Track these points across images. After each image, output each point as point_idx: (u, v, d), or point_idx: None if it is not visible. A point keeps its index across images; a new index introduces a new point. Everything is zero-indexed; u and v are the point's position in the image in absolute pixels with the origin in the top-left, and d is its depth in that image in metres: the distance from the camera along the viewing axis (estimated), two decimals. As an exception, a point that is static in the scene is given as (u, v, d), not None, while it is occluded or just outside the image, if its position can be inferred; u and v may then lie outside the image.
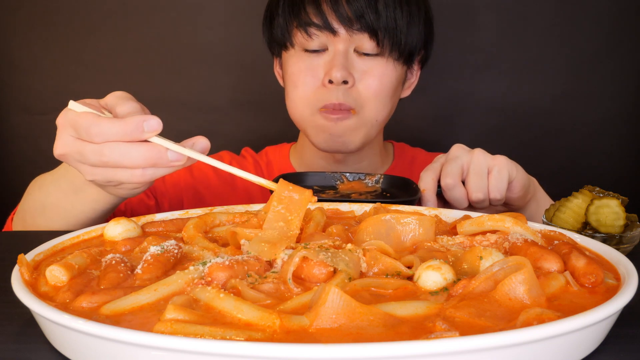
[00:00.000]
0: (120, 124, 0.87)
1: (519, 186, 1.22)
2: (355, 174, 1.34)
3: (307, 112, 1.47)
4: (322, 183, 1.34)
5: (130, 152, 0.88)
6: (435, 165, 1.23)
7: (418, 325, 0.62)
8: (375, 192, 1.30)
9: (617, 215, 1.00)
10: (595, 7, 2.03)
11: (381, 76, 1.44)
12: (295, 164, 1.67)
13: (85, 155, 0.91)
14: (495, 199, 1.19)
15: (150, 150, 0.88)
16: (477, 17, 2.06)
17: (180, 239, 0.90)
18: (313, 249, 0.74)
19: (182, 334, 0.58)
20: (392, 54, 1.44)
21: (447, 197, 1.21)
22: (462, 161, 1.20)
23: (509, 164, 1.21)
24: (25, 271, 0.74)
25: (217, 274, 0.70)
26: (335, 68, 1.40)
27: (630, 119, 2.11)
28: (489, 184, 1.19)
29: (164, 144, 0.88)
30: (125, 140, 0.88)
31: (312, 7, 1.42)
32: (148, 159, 0.88)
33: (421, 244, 0.84)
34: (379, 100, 1.46)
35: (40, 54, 2.10)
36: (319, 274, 0.72)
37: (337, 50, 1.42)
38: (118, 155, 0.88)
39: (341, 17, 1.39)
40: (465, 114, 2.12)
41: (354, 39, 1.42)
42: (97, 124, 0.88)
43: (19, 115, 2.13)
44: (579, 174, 2.09)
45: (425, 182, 1.21)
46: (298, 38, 1.45)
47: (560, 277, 0.71)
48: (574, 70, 2.07)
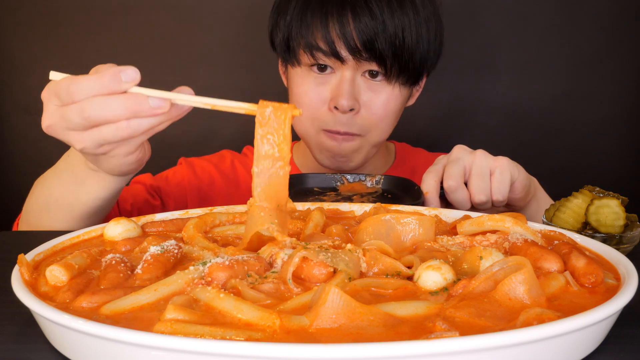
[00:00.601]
0: (97, 77, 0.88)
1: (521, 187, 1.22)
2: (355, 175, 1.34)
3: (312, 131, 1.47)
4: (323, 184, 1.34)
5: (110, 103, 0.87)
6: (437, 167, 1.22)
7: (418, 325, 0.62)
8: (376, 193, 1.30)
9: (617, 215, 1.00)
10: (595, 7, 2.04)
11: (386, 103, 1.43)
12: (299, 162, 1.68)
13: (69, 117, 0.90)
14: (498, 200, 1.20)
15: (130, 98, 0.87)
16: (477, 17, 2.06)
17: (180, 239, 0.90)
18: (313, 249, 0.74)
19: (182, 334, 0.58)
20: (399, 79, 1.43)
21: (449, 199, 1.21)
22: (464, 163, 1.20)
23: (511, 165, 1.21)
24: (25, 271, 0.74)
25: (217, 274, 0.70)
26: (342, 97, 1.38)
27: (630, 119, 2.11)
28: (492, 186, 1.19)
29: (145, 92, 0.88)
30: (104, 93, 0.88)
31: (320, 32, 1.38)
32: (129, 107, 0.87)
33: (421, 244, 0.84)
34: (384, 124, 1.46)
35: (40, 54, 2.10)
36: (318, 274, 0.72)
37: (344, 76, 1.40)
38: (98, 108, 0.88)
39: (349, 46, 1.37)
40: (465, 113, 2.12)
41: (361, 66, 1.40)
42: (75, 81, 0.89)
43: (19, 115, 2.13)
44: (579, 174, 2.09)
45: (428, 185, 1.20)
46: (304, 57, 1.43)
47: (560, 277, 0.71)
48: (574, 70, 2.07)
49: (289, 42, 1.44)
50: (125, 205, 1.40)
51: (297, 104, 1.46)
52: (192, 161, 1.62)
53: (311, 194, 1.29)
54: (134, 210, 1.42)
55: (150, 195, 1.49)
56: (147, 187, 1.49)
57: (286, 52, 1.46)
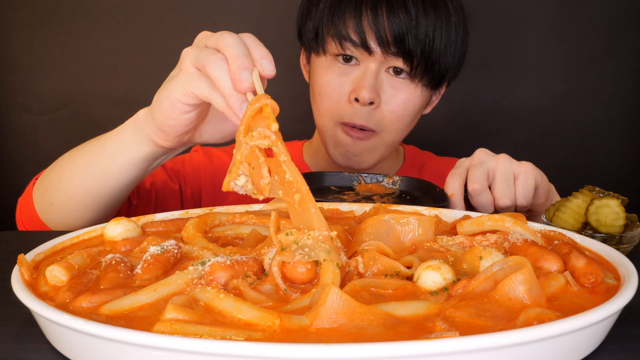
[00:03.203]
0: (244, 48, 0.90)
1: (543, 192, 1.23)
2: (372, 176, 1.33)
3: (331, 124, 1.47)
4: (340, 183, 1.33)
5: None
6: (461, 170, 1.22)
7: (418, 325, 0.62)
8: (394, 194, 1.29)
9: (617, 215, 1.00)
10: (595, 7, 2.04)
11: (406, 102, 1.44)
12: (309, 161, 1.68)
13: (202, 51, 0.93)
14: (522, 205, 1.20)
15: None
16: (477, 17, 2.06)
17: (180, 239, 0.90)
18: (289, 250, 0.73)
19: (182, 334, 0.58)
20: (422, 79, 1.43)
21: (473, 203, 1.21)
22: (487, 166, 1.20)
23: (535, 170, 1.21)
24: (25, 271, 0.74)
25: (218, 273, 0.70)
26: (364, 89, 1.38)
27: (630, 119, 2.11)
28: (516, 190, 1.19)
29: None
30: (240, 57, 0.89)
31: (352, 21, 1.38)
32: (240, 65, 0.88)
33: (421, 244, 0.84)
34: (401, 124, 1.46)
35: (40, 54, 2.10)
36: (302, 272, 0.71)
37: (368, 68, 1.40)
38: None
39: (380, 38, 1.37)
40: (465, 113, 2.12)
41: (388, 60, 1.40)
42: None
43: (19, 115, 2.13)
44: (579, 174, 2.08)
45: (453, 187, 1.20)
46: (331, 46, 1.43)
47: (560, 277, 0.71)
48: (574, 70, 2.08)
49: (318, 30, 1.45)
50: (145, 185, 1.39)
51: (318, 94, 1.46)
52: (208, 149, 1.61)
53: (329, 192, 1.29)
54: (152, 191, 1.41)
55: (170, 178, 1.48)
56: (167, 170, 1.49)
57: (314, 40, 1.46)
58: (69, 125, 2.10)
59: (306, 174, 1.30)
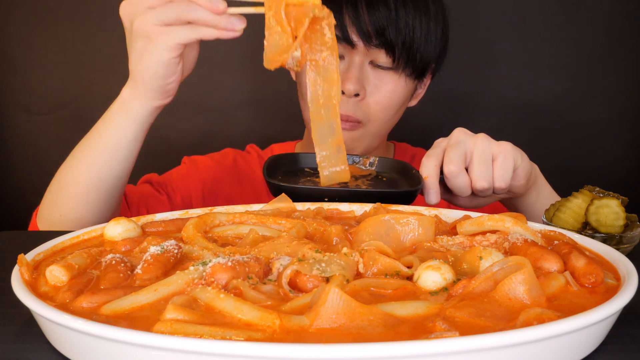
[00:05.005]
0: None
1: (523, 174, 1.20)
2: (349, 156, 1.27)
3: None
4: (314, 165, 1.28)
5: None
6: (437, 151, 1.19)
7: (418, 325, 0.62)
8: (370, 175, 1.25)
9: (617, 215, 1.00)
10: (595, 7, 2.03)
11: (392, 92, 1.47)
12: None
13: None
14: (500, 187, 1.17)
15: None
16: (477, 17, 2.06)
17: (180, 239, 0.90)
18: (307, 261, 0.73)
19: (182, 334, 0.58)
20: (405, 70, 1.46)
21: (449, 185, 1.17)
22: (465, 147, 1.16)
23: (514, 150, 1.18)
24: (25, 271, 0.74)
25: (220, 274, 0.70)
26: (349, 81, 1.42)
27: (630, 119, 2.11)
28: (494, 172, 1.16)
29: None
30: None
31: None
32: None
33: (421, 244, 0.84)
34: (386, 114, 1.49)
35: (40, 54, 2.10)
36: (311, 287, 0.70)
37: (352, 62, 1.43)
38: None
39: (361, 31, 1.40)
40: (464, 113, 2.12)
41: (370, 53, 1.43)
42: None
43: (19, 115, 2.13)
44: (579, 174, 2.08)
45: (428, 169, 1.16)
46: None
47: (560, 277, 0.71)
48: (574, 69, 2.07)
49: None
50: (133, 199, 1.42)
51: (304, 91, 1.47)
52: (195, 159, 1.65)
53: (302, 174, 1.25)
54: (141, 204, 1.44)
55: (157, 190, 1.51)
56: (154, 184, 1.52)
57: None
58: (69, 125, 2.10)
59: (279, 155, 1.28)
